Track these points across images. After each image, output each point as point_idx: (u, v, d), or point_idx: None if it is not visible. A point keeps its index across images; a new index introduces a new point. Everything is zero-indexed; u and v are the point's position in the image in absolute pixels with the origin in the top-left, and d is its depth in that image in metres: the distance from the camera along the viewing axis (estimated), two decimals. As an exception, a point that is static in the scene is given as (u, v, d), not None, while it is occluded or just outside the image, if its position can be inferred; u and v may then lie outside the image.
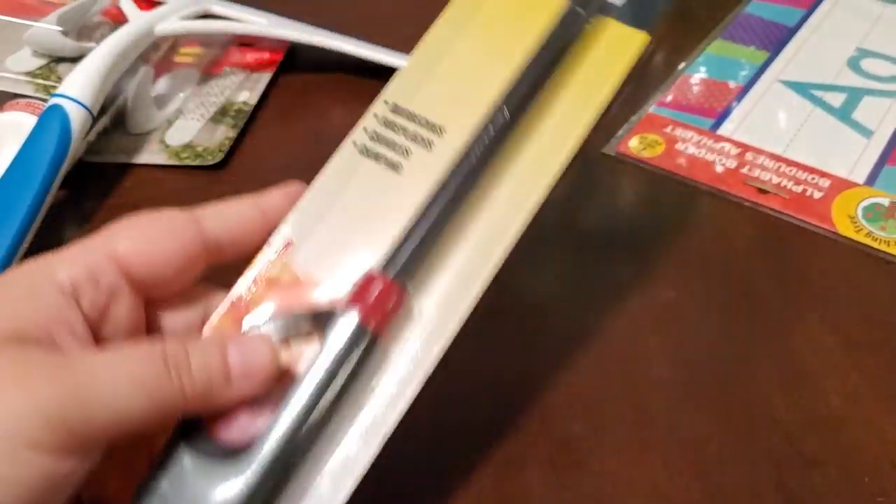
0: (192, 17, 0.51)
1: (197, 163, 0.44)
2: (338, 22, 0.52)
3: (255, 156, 0.45)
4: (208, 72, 0.51)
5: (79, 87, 0.42)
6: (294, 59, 0.52)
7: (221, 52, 0.52)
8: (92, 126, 0.43)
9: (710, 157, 0.42)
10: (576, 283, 0.36)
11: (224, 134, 0.45)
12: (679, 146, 0.42)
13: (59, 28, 0.48)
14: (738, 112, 0.45)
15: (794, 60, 0.48)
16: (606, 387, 0.32)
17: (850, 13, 0.51)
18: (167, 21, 0.49)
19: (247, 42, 0.53)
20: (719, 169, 0.41)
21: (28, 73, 0.46)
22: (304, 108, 0.49)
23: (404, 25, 0.54)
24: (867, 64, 0.47)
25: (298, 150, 0.45)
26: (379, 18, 0.55)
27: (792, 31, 0.50)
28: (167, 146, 0.45)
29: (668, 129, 0.44)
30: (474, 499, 0.29)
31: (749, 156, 0.41)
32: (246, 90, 0.49)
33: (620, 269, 0.37)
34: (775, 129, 0.43)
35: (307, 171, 0.44)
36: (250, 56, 0.52)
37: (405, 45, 0.50)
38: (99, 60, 0.44)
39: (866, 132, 0.42)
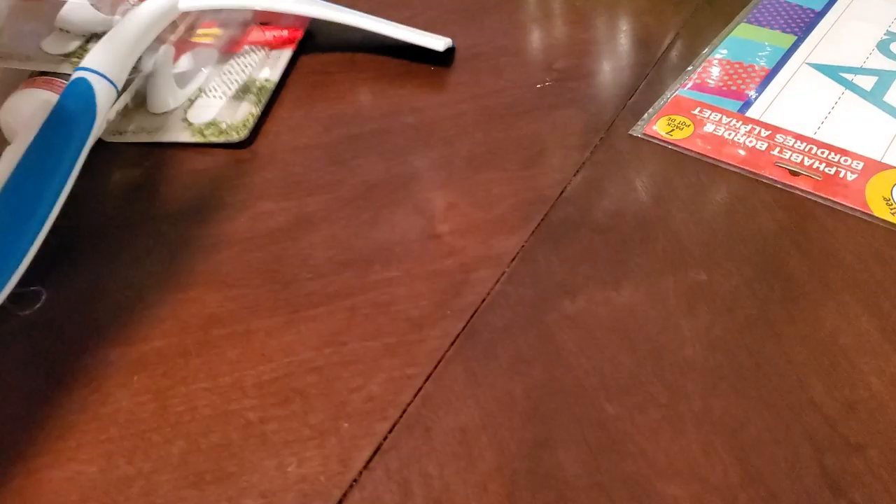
0: (214, -7, 0.51)
1: (221, 139, 0.43)
2: (359, 2, 0.51)
3: (277, 135, 0.45)
4: (227, 51, 0.50)
5: (103, 60, 0.42)
6: (313, 39, 0.52)
7: (240, 31, 0.52)
8: (114, 102, 0.42)
9: (739, 138, 0.41)
10: (605, 266, 0.35)
11: (247, 111, 0.45)
12: (707, 128, 0.42)
13: (91, 2, 0.48)
14: (766, 94, 0.44)
15: (822, 44, 0.47)
16: (639, 368, 0.31)
17: None
18: (190, -4, 0.49)
19: (265, 21, 0.53)
20: (748, 151, 0.40)
21: (66, 55, 0.46)
22: (325, 87, 0.48)
23: (421, 5, 0.54)
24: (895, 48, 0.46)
25: (319, 129, 0.45)
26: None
27: (819, 15, 0.50)
28: (190, 124, 0.44)
29: (696, 112, 0.43)
30: (508, 480, 0.28)
31: (779, 137, 0.41)
32: (267, 67, 0.49)
33: (650, 250, 0.36)
34: (805, 111, 0.42)
35: (330, 150, 0.44)
36: (270, 34, 0.51)
37: (426, 24, 0.50)
38: (123, 34, 0.44)
39: None
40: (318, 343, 0.34)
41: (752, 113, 0.43)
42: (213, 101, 0.46)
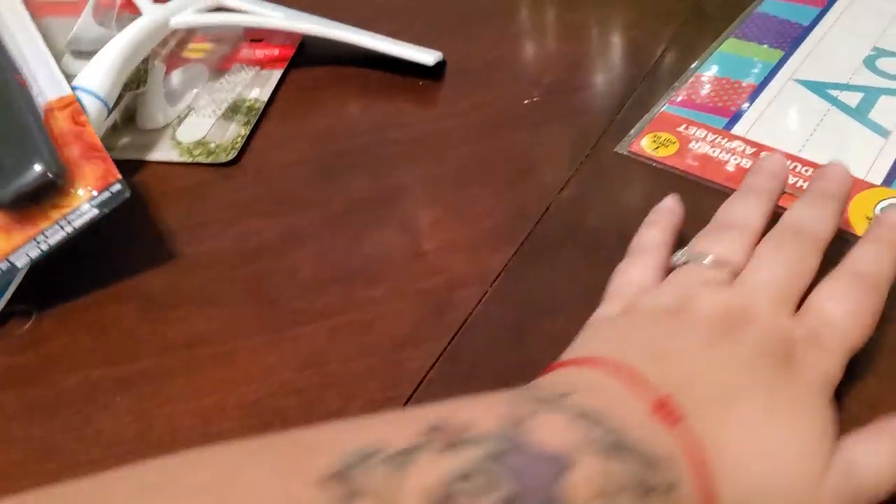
0: (206, 9, 0.51)
1: (209, 160, 0.43)
2: (345, 16, 0.52)
3: (264, 153, 0.45)
4: (218, 68, 0.51)
5: (94, 78, 0.43)
6: (304, 55, 0.52)
7: (231, 48, 0.52)
8: (105, 119, 0.43)
9: (724, 156, 0.41)
10: (587, 284, 0.35)
11: (236, 131, 0.45)
12: (692, 145, 0.42)
13: (97, 21, 0.49)
14: (752, 111, 0.44)
15: (809, 59, 0.47)
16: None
17: (867, 11, 0.51)
18: (182, 14, 0.49)
19: (257, 38, 0.53)
20: (733, 168, 0.40)
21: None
22: (315, 104, 0.48)
23: (409, 19, 0.54)
24: (884, 63, 0.46)
25: (309, 148, 0.45)
26: (388, 13, 0.55)
27: (807, 30, 0.50)
28: (179, 143, 0.45)
29: (682, 128, 0.43)
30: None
31: (764, 155, 0.41)
32: (257, 87, 0.49)
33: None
34: (790, 128, 0.43)
35: (317, 166, 0.45)
36: (260, 52, 0.52)
37: (417, 39, 0.50)
38: (114, 52, 0.44)
39: (884, 132, 0.41)
40: (300, 364, 0.34)
41: (738, 130, 0.43)
42: (202, 119, 0.46)
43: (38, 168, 0.35)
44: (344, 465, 0.20)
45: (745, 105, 0.44)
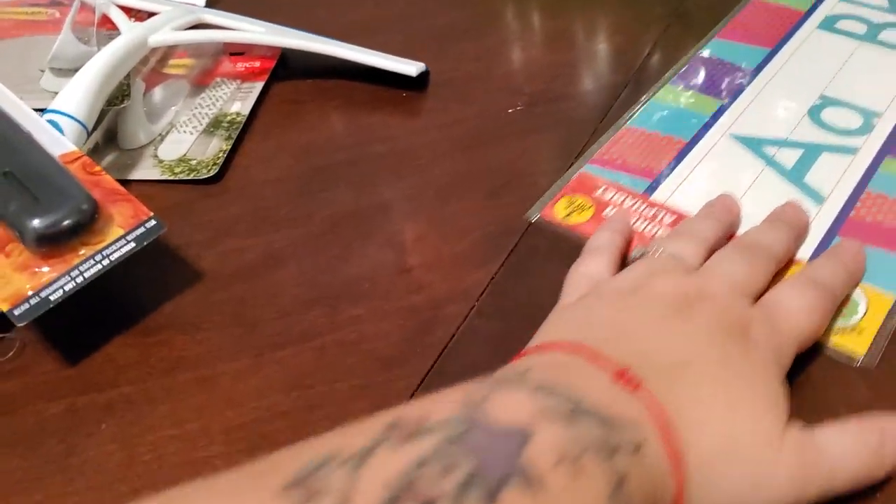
0: (185, 27, 0.51)
1: (191, 177, 0.43)
2: (326, 30, 0.51)
3: (247, 170, 0.44)
4: (199, 83, 0.50)
5: (71, 101, 0.42)
6: (284, 67, 0.52)
7: (212, 62, 0.52)
8: (85, 142, 0.42)
9: (641, 224, 0.38)
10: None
11: (218, 146, 0.45)
12: (608, 211, 0.39)
13: (76, 37, 0.49)
14: (677, 173, 0.41)
15: (749, 111, 0.44)
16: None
17: (818, 52, 0.48)
18: (160, 32, 0.49)
19: (237, 52, 0.52)
20: (650, 240, 0.37)
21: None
22: (297, 117, 0.48)
23: (391, 32, 0.54)
24: (830, 115, 0.43)
25: (291, 162, 0.45)
26: (369, 25, 0.55)
27: (751, 75, 0.46)
28: (161, 161, 0.44)
29: (600, 192, 0.40)
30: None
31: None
32: (238, 101, 0.48)
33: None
34: (718, 193, 0.38)
35: (300, 182, 0.44)
36: (241, 65, 0.51)
37: (400, 50, 0.50)
38: (91, 74, 0.44)
39: (818, 198, 0.38)
40: (286, 386, 0.33)
41: (659, 194, 0.40)
42: (183, 136, 0.46)
43: (74, 202, 0.35)
44: (302, 474, 0.20)
45: (672, 165, 0.41)
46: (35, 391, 0.34)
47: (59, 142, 0.39)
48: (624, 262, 0.36)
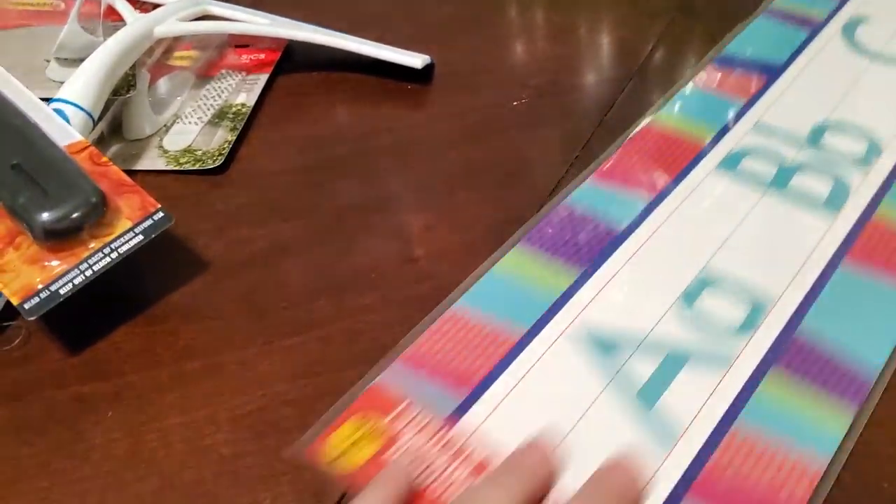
0: (190, 18, 0.51)
1: (197, 167, 0.43)
2: (331, 22, 0.51)
3: (253, 161, 0.45)
4: (204, 74, 0.50)
5: (77, 90, 0.42)
6: (290, 60, 0.52)
7: (217, 54, 0.52)
8: (90, 132, 0.42)
9: (435, 468, 0.27)
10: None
11: (223, 137, 0.45)
12: (399, 445, 0.28)
13: (82, 27, 0.49)
14: (497, 387, 0.30)
15: (604, 294, 0.32)
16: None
17: (726, 195, 0.35)
18: (166, 23, 0.49)
19: (242, 44, 0.52)
20: (441, 490, 0.27)
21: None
22: (302, 109, 0.48)
23: (396, 24, 0.54)
24: (707, 297, 0.32)
25: (296, 152, 0.45)
26: (374, 17, 0.55)
27: (618, 240, 0.35)
28: (166, 151, 0.44)
29: (397, 411, 0.29)
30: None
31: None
32: (243, 92, 0.48)
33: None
34: (539, 422, 0.28)
35: (306, 173, 0.44)
36: (246, 58, 0.51)
37: (403, 43, 0.50)
38: (98, 64, 0.44)
39: (670, 435, 0.28)
40: (293, 374, 0.33)
41: (465, 422, 0.29)
42: (189, 127, 0.46)
43: (83, 196, 0.35)
44: None
45: (492, 375, 0.30)
46: (42, 379, 0.34)
47: (66, 131, 0.39)
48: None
